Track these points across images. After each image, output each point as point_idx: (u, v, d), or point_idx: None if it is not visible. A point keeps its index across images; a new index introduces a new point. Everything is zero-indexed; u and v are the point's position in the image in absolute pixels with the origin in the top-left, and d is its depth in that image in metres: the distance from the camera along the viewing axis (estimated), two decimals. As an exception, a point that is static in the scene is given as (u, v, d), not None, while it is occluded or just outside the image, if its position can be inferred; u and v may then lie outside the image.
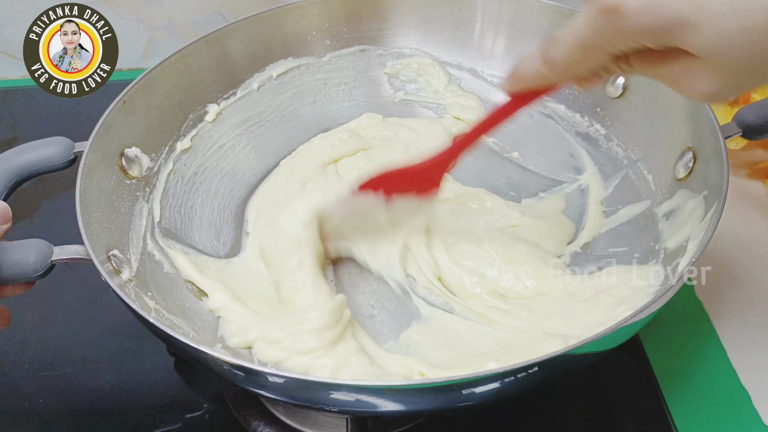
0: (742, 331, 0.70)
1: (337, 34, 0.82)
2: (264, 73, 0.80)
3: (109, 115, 0.67)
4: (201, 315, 0.64)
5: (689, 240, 0.61)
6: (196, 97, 0.76)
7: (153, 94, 0.72)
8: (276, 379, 0.50)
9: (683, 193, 0.65)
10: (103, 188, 0.65)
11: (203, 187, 0.75)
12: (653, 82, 0.69)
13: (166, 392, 0.68)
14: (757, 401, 0.65)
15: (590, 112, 0.77)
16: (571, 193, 0.74)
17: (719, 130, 0.62)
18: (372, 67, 0.84)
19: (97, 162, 0.65)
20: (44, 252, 0.56)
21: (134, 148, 0.70)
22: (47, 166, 0.63)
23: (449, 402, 0.52)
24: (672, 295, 0.54)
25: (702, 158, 0.64)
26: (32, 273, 0.56)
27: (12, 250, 0.56)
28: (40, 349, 0.71)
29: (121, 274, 0.61)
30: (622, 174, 0.73)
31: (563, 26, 0.48)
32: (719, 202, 0.58)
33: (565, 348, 0.49)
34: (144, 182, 0.70)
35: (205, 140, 0.77)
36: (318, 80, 0.83)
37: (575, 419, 0.66)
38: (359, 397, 0.49)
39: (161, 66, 0.72)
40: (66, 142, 0.64)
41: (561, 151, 0.78)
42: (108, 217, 0.64)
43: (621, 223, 0.70)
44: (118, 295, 0.55)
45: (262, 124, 0.80)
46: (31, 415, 0.66)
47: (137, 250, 0.66)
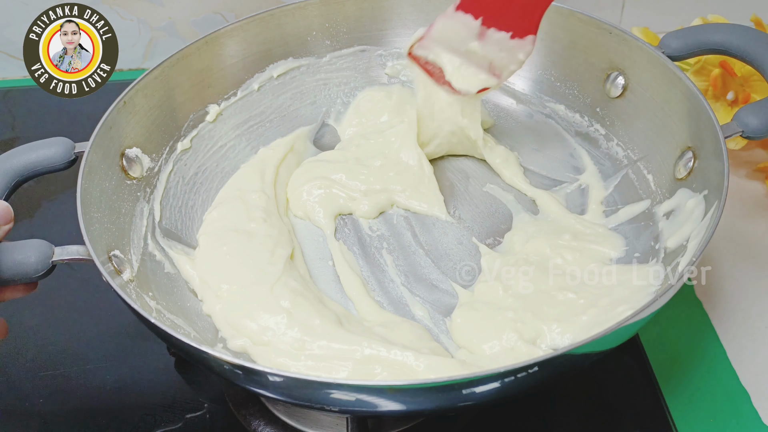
0: (742, 331, 0.70)
1: (337, 34, 0.82)
2: (264, 74, 0.80)
3: (109, 116, 0.67)
4: (202, 315, 0.64)
5: (689, 239, 0.61)
6: (197, 98, 0.76)
7: (154, 94, 0.72)
8: (276, 379, 0.50)
9: (683, 193, 0.65)
10: (104, 188, 0.65)
11: (204, 187, 0.75)
12: (653, 81, 0.69)
13: (166, 392, 0.68)
14: (757, 401, 0.65)
15: (590, 112, 0.77)
16: (571, 193, 0.74)
17: (719, 130, 0.62)
18: (372, 68, 0.84)
19: (98, 162, 0.65)
20: (45, 252, 0.56)
21: (135, 149, 0.70)
22: (48, 166, 0.63)
23: (450, 402, 0.52)
24: (672, 295, 0.54)
25: (702, 158, 0.64)
26: (33, 273, 0.56)
27: (13, 250, 0.56)
28: (40, 349, 0.71)
29: (122, 275, 0.61)
30: (622, 174, 0.73)
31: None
32: (719, 202, 0.58)
33: (565, 348, 0.49)
34: (145, 182, 0.70)
35: (206, 140, 0.77)
36: (318, 80, 0.83)
37: (575, 419, 0.66)
38: (359, 396, 0.49)
39: (162, 66, 0.72)
40: (66, 143, 0.64)
41: (561, 151, 0.78)
42: (109, 217, 0.64)
43: (621, 223, 0.70)
44: (119, 295, 0.55)
45: (262, 124, 0.80)
46: (31, 415, 0.66)
47: (138, 251, 0.66)
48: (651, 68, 0.70)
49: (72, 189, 0.61)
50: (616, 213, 0.71)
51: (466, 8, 0.67)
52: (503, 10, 0.67)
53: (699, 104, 0.65)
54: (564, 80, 0.78)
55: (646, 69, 0.71)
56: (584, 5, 0.76)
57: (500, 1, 0.67)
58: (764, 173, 0.83)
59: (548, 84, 0.79)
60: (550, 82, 0.79)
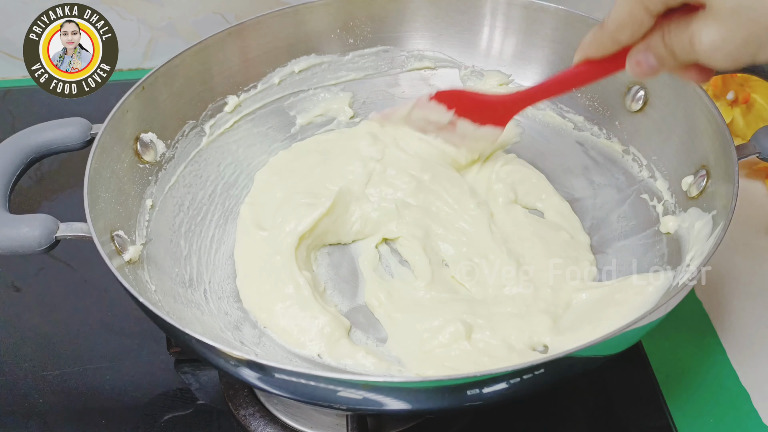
0: (742, 331, 0.70)
1: (361, 33, 0.82)
2: (286, 68, 0.80)
3: (127, 100, 0.67)
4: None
5: (692, 259, 0.61)
6: (217, 88, 0.77)
7: (173, 81, 0.72)
8: (283, 375, 0.49)
9: (694, 212, 0.65)
10: (114, 170, 0.65)
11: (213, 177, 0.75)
12: (673, 97, 0.68)
13: (166, 392, 0.68)
14: (757, 401, 0.65)
15: (608, 125, 0.76)
16: (584, 205, 0.74)
17: (734, 151, 0.61)
18: (393, 68, 0.84)
19: (111, 144, 0.65)
20: (50, 227, 0.57)
21: (150, 134, 0.70)
22: (63, 145, 0.64)
23: (454, 402, 0.52)
24: (677, 303, 0.54)
25: (714, 177, 0.64)
26: (37, 247, 0.57)
27: (20, 222, 0.57)
28: (40, 349, 0.71)
29: (122, 255, 0.62)
30: (636, 188, 0.72)
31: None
32: (725, 222, 0.58)
33: (571, 349, 0.48)
34: (157, 167, 0.71)
35: (222, 130, 0.77)
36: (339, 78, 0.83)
37: (575, 419, 0.66)
38: (367, 395, 0.49)
39: (182, 55, 0.72)
40: (84, 123, 0.64)
41: (577, 163, 0.77)
42: (117, 198, 0.65)
43: (629, 239, 0.70)
44: (114, 275, 0.55)
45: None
46: (31, 415, 0.66)
47: (143, 233, 0.66)
48: (672, 84, 0.70)
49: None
50: (627, 228, 0.71)
51: (440, 99, 0.67)
52: (474, 109, 0.68)
53: (717, 124, 0.64)
54: (585, 91, 0.78)
55: (667, 85, 0.70)
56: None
57: (472, 103, 0.68)
58: (764, 173, 0.84)
59: (569, 94, 0.77)
60: (570, 93, 0.77)
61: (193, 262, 0.69)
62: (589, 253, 0.69)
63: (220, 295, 0.67)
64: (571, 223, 0.72)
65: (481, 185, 0.75)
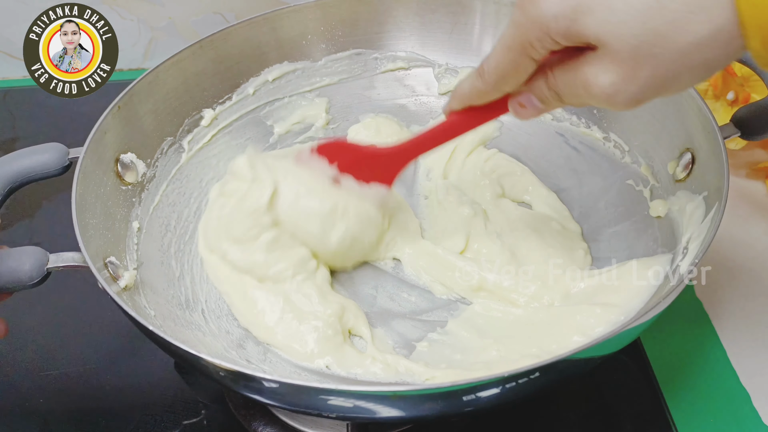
0: (742, 331, 0.70)
1: (333, 37, 0.81)
2: (259, 78, 0.80)
3: (104, 121, 0.66)
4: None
5: (690, 241, 0.61)
6: (192, 102, 0.76)
7: (148, 99, 0.71)
8: (272, 385, 0.49)
9: (682, 195, 0.65)
10: (99, 194, 0.64)
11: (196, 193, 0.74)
12: None
13: (166, 392, 0.68)
14: (757, 401, 0.65)
15: (587, 114, 0.77)
16: (570, 195, 0.74)
17: (718, 131, 0.61)
18: (367, 71, 0.84)
19: (93, 168, 0.64)
20: (40, 260, 0.56)
21: (130, 154, 0.69)
22: (42, 172, 0.62)
23: (450, 408, 0.52)
24: (674, 298, 0.53)
25: (701, 159, 0.64)
26: (27, 281, 0.55)
27: (7, 258, 0.55)
28: (40, 349, 0.71)
29: (118, 281, 0.61)
30: (620, 175, 0.73)
31: None
32: (720, 203, 0.58)
33: (566, 352, 0.48)
34: (140, 188, 0.70)
35: (200, 145, 0.76)
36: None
37: (575, 419, 0.66)
38: (357, 403, 0.49)
39: (156, 71, 0.72)
40: (60, 149, 0.63)
41: (559, 153, 0.77)
42: (104, 223, 0.64)
43: (620, 225, 0.70)
44: (116, 303, 0.54)
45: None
46: (31, 415, 0.66)
47: (134, 257, 0.66)
48: None
49: (66, 192, 0.60)
50: (615, 215, 0.71)
51: (321, 152, 0.66)
52: (356, 164, 0.66)
53: (696, 105, 0.64)
54: None
55: None
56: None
57: (353, 156, 0.66)
58: (764, 173, 0.83)
59: None
60: None
61: (186, 282, 0.68)
62: (582, 242, 0.70)
63: (218, 314, 0.66)
64: (560, 213, 0.72)
65: (467, 183, 0.75)
